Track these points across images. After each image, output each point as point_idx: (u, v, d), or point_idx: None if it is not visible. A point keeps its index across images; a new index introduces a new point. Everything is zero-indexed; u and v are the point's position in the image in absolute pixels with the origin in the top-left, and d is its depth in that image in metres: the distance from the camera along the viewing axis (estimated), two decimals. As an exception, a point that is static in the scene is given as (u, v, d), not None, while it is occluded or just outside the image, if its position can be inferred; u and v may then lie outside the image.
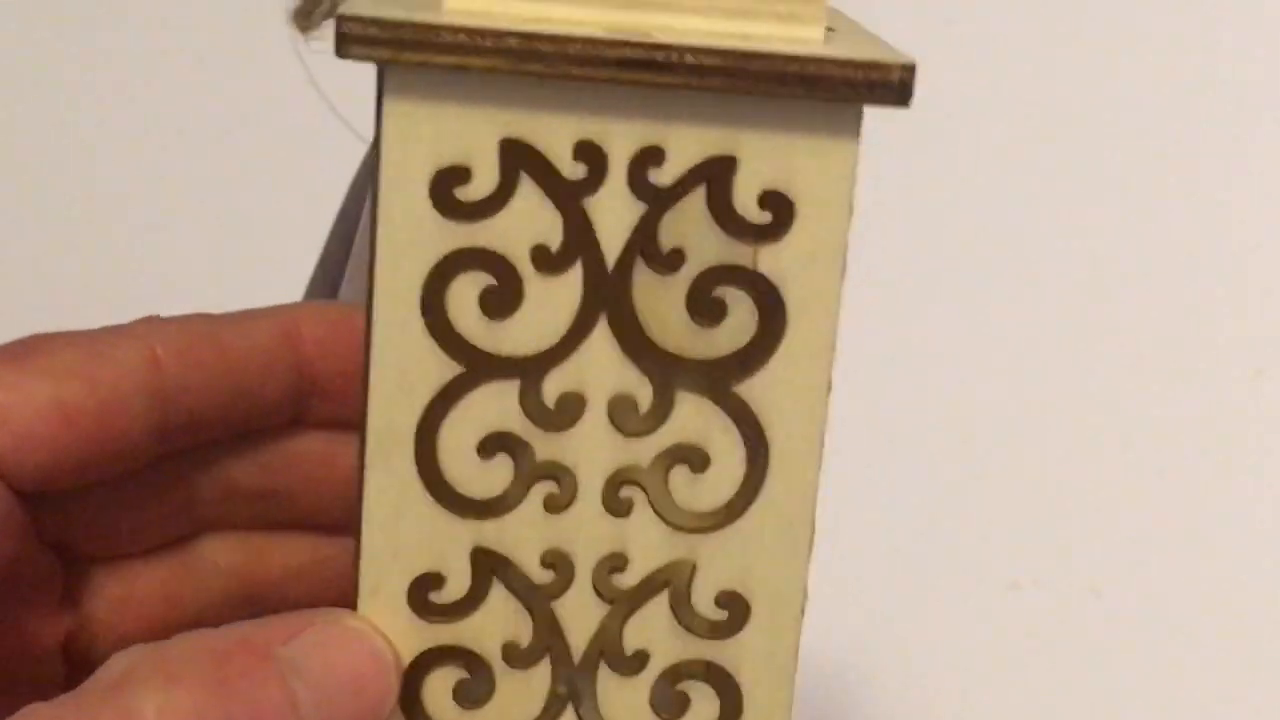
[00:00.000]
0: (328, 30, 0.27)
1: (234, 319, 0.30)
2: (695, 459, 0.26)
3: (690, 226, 0.25)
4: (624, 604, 0.26)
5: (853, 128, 0.25)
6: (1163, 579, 0.67)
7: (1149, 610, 0.67)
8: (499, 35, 0.24)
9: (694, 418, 0.26)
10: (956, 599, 0.61)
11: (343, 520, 0.28)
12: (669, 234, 0.25)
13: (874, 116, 0.25)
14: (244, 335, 0.29)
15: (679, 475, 0.26)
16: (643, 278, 0.25)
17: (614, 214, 0.25)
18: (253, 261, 0.57)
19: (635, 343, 0.25)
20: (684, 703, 0.27)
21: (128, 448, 0.29)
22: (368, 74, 0.26)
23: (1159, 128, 0.65)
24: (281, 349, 0.29)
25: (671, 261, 0.25)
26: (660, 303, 0.25)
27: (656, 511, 0.26)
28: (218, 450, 0.30)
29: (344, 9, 0.24)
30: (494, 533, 0.26)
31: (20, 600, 0.29)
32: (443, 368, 0.25)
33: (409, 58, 0.24)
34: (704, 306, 0.25)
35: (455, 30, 0.24)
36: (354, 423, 0.29)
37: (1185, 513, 0.67)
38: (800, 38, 0.25)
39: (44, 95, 0.62)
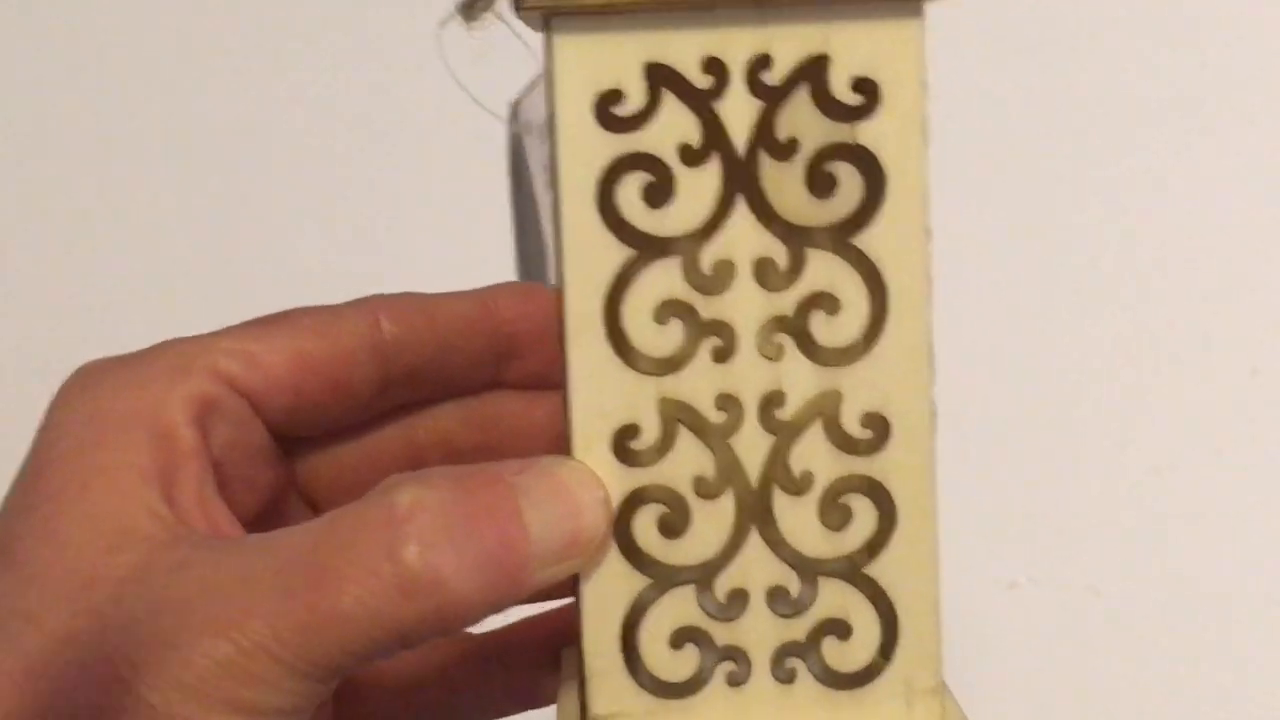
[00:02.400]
0: (487, 22, 0.35)
1: (441, 294, 0.36)
2: (828, 304, 0.32)
3: (800, 117, 0.32)
4: (787, 434, 0.32)
5: (916, 17, 0.32)
6: (1161, 578, 0.69)
7: (1148, 609, 0.69)
8: (636, -22, 0.31)
9: (823, 270, 0.32)
10: (956, 598, 0.64)
11: None
12: (784, 126, 0.32)
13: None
14: (448, 304, 0.36)
15: (818, 319, 0.32)
16: (767, 166, 0.32)
17: (738, 113, 0.32)
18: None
19: (768, 215, 0.32)
20: (847, 514, 0.32)
21: (356, 394, 0.35)
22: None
23: (1158, 127, 0.68)
24: (480, 314, 0.36)
25: (788, 149, 0.32)
26: (784, 185, 0.32)
27: (804, 352, 0.32)
28: (436, 413, 0.36)
29: (514, -25, 0.31)
30: (674, 385, 0.32)
31: None
32: (619, 252, 0.32)
33: (568, 4, 0.31)
34: (819, 182, 0.32)
35: (602, -22, 0.31)
36: (545, 381, 0.35)
37: (1183, 512, 0.69)
38: None
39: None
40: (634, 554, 0.32)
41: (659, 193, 0.32)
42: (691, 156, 0.32)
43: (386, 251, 0.65)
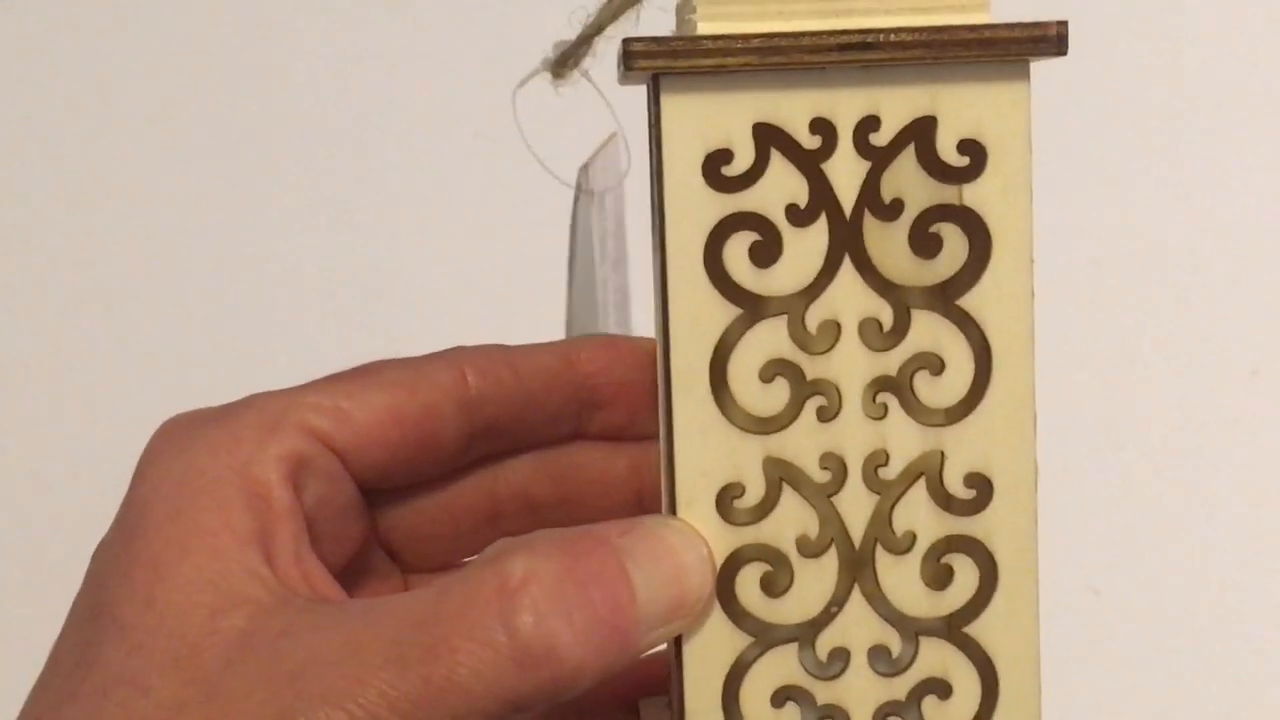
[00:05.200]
0: (574, 79, 0.34)
1: (524, 347, 0.36)
2: (933, 364, 0.32)
3: (905, 178, 0.32)
4: (890, 493, 0.32)
5: (1023, 80, 0.32)
6: (1161, 578, 0.70)
7: (1148, 609, 0.70)
8: (746, 38, 0.31)
9: (928, 330, 0.32)
10: None
11: None
12: (889, 187, 0.32)
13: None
14: (531, 357, 0.36)
15: (921, 379, 0.32)
16: (871, 226, 0.32)
17: (846, 173, 0.32)
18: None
19: (873, 275, 0.32)
20: (949, 574, 0.33)
21: (443, 448, 0.35)
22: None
23: (1159, 128, 0.69)
24: (562, 367, 0.36)
25: (893, 209, 0.32)
26: (888, 245, 0.32)
27: (907, 411, 0.32)
28: (516, 465, 0.36)
29: (625, 36, 0.31)
30: (779, 444, 0.32)
31: (367, 593, 0.35)
32: (725, 311, 0.32)
33: (680, 65, 0.31)
34: (924, 243, 0.32)
35: (714, 39, 0.31)
36: (627, 433, 0.35)
37: (1183, 512, 0.70)
38: (974, 18, 0.32)
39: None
40: (737, 612, 0.32)
41: (766, 252, 0.32)
42: (799, 216, 0.32)
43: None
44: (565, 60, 0.33)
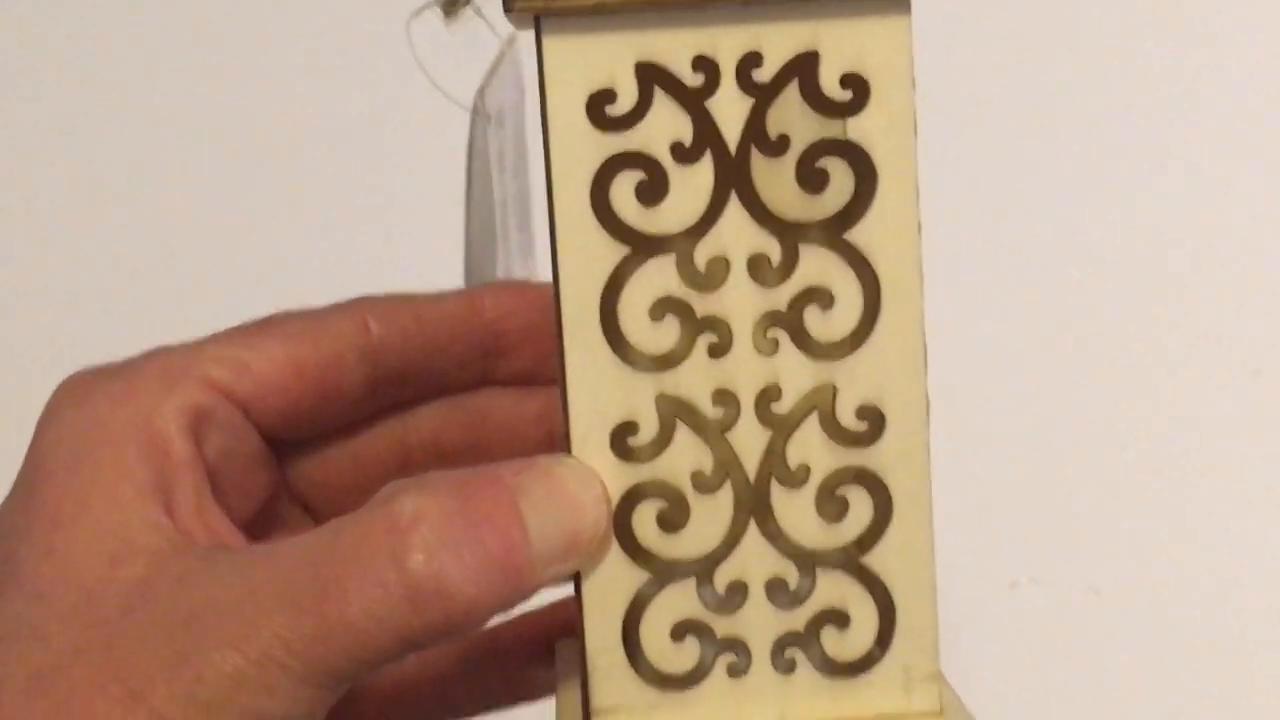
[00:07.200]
0: (465, 18, 0.35)
1: (428, 295, 0.36)
2: (823, 299, 0.32)
3: (790, 113, 0.32)
4: (783, 428, 0.33)
5: (904, 13, 0.32)
6: (1162, 578, 0.69)
7: (1148, 609, 0.69)
8: (626, -22, 0.31)
9: (817, 265, 0.32)
10: (956, 598, 0.64)
11: None
12: (774, 123, 0.32)
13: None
14: (435, 304, 0.36)
15: (811, 314, 0.32)
16: (759, 163, 0.32)
17: (730, 110, 0.32)
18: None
19: (761, 212, 0.32)
20: (844, 506, 0.33)
21: (347, 397, 0.35)
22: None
23: (1159, 127, 0.69)
24: (466, 313, 0.36)
25: (779, 145, 0.32)
26: (775, 181, 0.32)
27: (798, 346, 0.32)
28: (425, 412, 0.37)
29: (505, -22, 0.32)
30: (671, 382, 0.32)
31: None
32: (614, 251, 0.32)
33: (559, 6, 0.31)
34: (810, 178, 0.32)
35: (592, -21, 0.31)
36: (536, 377, 0.36)
37: (1184, 512, 0.70)
38: None
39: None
40: (634, 549, 0.33)
41: (652, 190, 0.32)
42: (684, 154, 0.32)
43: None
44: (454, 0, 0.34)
